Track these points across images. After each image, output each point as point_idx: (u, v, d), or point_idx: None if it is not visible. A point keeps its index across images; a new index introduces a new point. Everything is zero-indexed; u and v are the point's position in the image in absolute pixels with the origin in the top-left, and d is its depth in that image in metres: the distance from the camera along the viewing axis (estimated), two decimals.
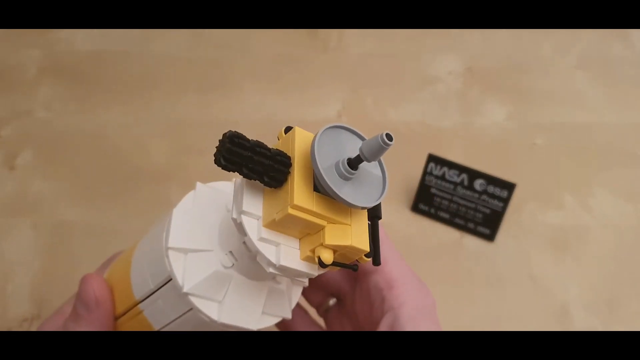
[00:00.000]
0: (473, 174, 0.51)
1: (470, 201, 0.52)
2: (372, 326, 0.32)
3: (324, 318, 0.38)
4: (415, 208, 0.53)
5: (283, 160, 0.25)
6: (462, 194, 0.52)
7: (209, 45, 0.62)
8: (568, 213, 0.54)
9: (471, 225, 0.52)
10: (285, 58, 0.62)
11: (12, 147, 0.55)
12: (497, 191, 0.51)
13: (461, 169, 0.51)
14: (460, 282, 0.50)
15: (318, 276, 0.27)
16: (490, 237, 0.52)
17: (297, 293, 0.32)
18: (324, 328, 0.38)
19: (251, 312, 0.30)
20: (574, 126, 0.59)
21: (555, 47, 0.64)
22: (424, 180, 0.52)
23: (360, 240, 0.26)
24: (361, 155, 0.24)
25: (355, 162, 0.25)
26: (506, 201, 0.51)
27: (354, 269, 0.27)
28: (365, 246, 0.26)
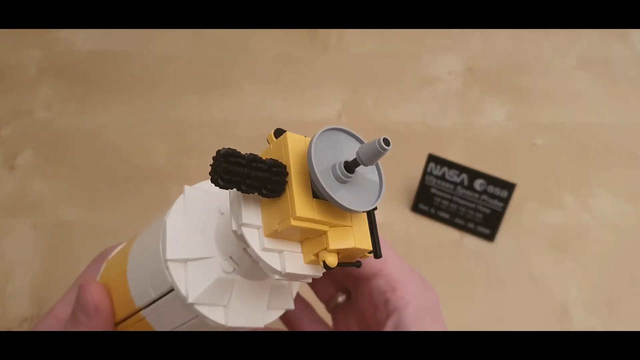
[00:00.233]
0: (473, 174, 0.51)
1: (470, 201, 0.52)
2: (378, 327, 0.32)
3: (332, 314, 0.38)
4: (415, 208, 0.53)
5: (279, 170, 0.24)
6: (462, 194, 0.52)
7: (209, 45, 0.62)
8: (568, 213, 0.54)
9: (471, 225, 0.52)
10: (285, 58, 0.62)
11: (12, 147, 0.55)
12: (497, 191, 0.51)
13: (461, 169, 0.51)
14: (460, 282, 0.50)
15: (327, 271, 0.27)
16: (490, 237, 0.52)
17: (297, 282, 0.32)
18: (330, 325, 0.38)
19: (256, 311, 0.30)
20: (574, 126, 0.59)
21: (555, 47, 0.64)
22: (424, 180, 0.52)
23: (362, 240, 0.26)
24: (358, 159, 0.24)
25: (352, 166, 0.24)
26: (506, 201, 0.51)
27: (357, 266, 0.27)
28: (367, 245, 0.26)
